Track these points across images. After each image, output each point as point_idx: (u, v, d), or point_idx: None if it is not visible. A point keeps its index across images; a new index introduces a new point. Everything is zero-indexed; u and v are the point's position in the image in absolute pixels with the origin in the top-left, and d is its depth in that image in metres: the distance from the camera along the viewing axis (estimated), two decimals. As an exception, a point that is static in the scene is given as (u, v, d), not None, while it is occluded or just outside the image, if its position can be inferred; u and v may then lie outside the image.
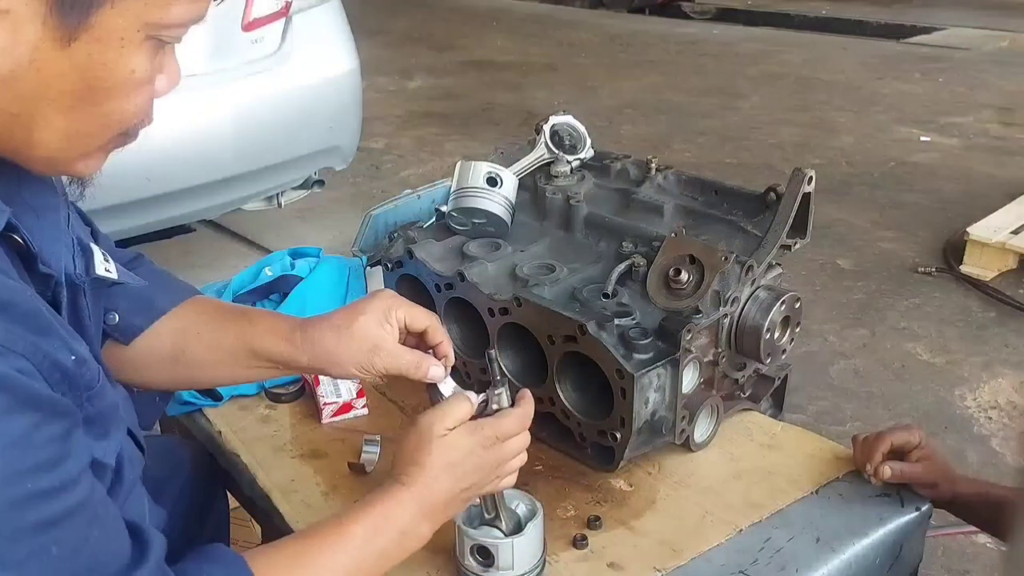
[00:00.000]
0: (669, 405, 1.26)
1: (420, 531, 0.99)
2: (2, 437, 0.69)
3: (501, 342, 1.38)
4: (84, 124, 0.79)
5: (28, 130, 0.77)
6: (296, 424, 1.49)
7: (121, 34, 0.75)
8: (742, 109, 6.15)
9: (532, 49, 8.21)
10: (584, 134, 1.59)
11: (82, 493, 0.76)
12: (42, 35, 0.72)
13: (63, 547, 0.73)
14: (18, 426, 0.71)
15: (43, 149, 0.79)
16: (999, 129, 5.59)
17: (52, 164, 0.82)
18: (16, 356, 0.72)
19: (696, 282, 1.28)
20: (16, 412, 0.71)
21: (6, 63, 0.72)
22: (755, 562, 1.15)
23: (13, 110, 0.75)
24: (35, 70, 0.73)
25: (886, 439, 1.26)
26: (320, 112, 3.40)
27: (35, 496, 0.71)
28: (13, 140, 0.78)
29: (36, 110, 0.75)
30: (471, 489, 1.02)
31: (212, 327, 1.16)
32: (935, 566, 2.16)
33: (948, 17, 8.67)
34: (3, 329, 0.71)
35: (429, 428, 1.00)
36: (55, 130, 0.77)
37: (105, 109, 0.78)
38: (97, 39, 0.74)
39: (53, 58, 0.73)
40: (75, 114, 0.77)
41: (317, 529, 0.96)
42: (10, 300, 0.72)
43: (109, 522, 0.80)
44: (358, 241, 1.72)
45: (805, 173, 1.32)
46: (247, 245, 4.06)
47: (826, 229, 4.04)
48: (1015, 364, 3.09)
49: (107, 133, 0.82)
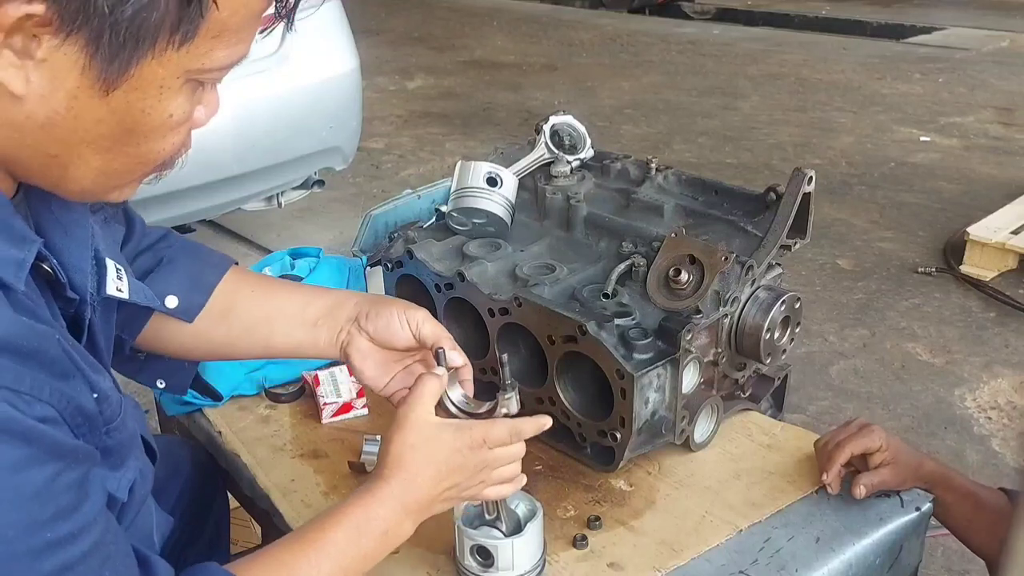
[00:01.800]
0: (669, 405, 1.26)
1: (402, 529, 0.99)
2: (25, 488, 0.70)
3: (501, 342, 1.38)
4: (120, 163, 0.79)
5: (63, 168, 0.77)
6: (296, 424, 1.49)
7: (160, 82, 0.75)
8: (742, 109, 6.15)
9: (532, 49, 8.21)
10: (584, 134, 1.59)
11: (96, 535, 0.77)
12: (80, 83, 0.72)
13: None
14: (41, 477, 0.71)
15: (78, 184, 0.80)
16: (999, 129, 5.59)
17: (85, 196, 0.83)
18: (42, 404, 0.72)
19: (696, 282, 1.28)
20: (40, 463, 0.71)
21: (44, 109, 0.72)
22: (755, 562, 1.16)
23: (52, 151, 0.76)
24: (73, 116, 0.73)
25: (845, 449, 1.23)
26: (320, 112, 3.39)
27: (53, 544, 0.72)
28: (49, 176, 0.79)
29: (73, 151, 0.76)
30: (453, 490, 1.01)
31: (264, 284, 1.19)
32: (935, 566, 2.16)
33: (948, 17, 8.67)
34: (30, 377, 0.71)
35: (407, 416, 1.00)
36: (91, 168, 0.78)
37: (143, 150, 0.79)
38: (136, 88, 0.74)
39: (91, 105, 0.73)
40: (111, 154, 0.78)
41: (300, 536, 0.95)
42: (38, 347, 0.73)
43: (120, 558, 0.80)
44: (358, 241, 1.72)
45: (805, 173, 1.32)
46: (247, 245, 4.06)
47: (826, 229, 4.04)
48: (1015, 364, 3.09)
49: (143, 169, 0.83)
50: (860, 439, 1.24)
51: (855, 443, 1.24)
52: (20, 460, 0.70)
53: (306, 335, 1.14)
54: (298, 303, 1.16)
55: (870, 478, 1.22)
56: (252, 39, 0.81)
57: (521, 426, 1.03)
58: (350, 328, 1.13)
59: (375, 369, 1.13)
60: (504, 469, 1.03)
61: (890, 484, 1.24)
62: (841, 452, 1.23)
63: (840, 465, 1.23)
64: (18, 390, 0.70)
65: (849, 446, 1.23)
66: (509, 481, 1.05)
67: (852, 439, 1.24)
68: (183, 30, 0.72)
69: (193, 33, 0.73)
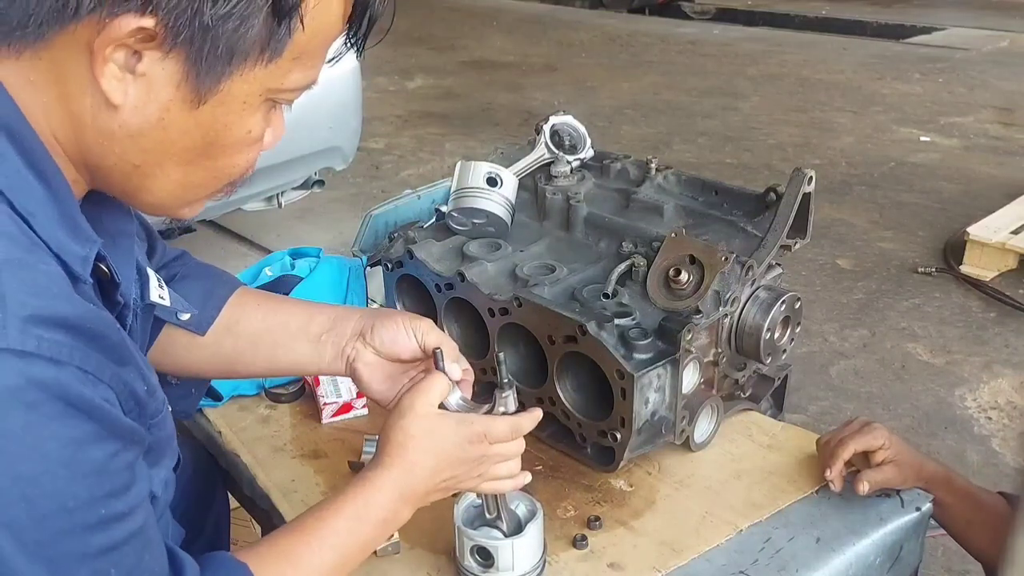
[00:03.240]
0: (669, 405, 1.26)
1: (400, 516, 1.00)
2: (87, 463, 0.73)
3: (501, 342, 1.38)
4: (198, 177, 0.84)
5: (144, 178, 0.81)
6: (296, 424, 1.49)
7: (244, 98, 0.79)
8: (742, 109, 6.15)
9: (532, 49, 8.21)
10: (584, 134, 1.59)
11: (142, 519, 0.79)
12: (173, 97, 0.76)
13: (120, 570, 0.76)
14: (101, 454, 0.74)
15: (154, 196, 0.84)
16: (999, 129, 5.60)
17: (159, 208, 0.86)
18: (104, 386, 0.75)
19: (696, 282, 1.28)
20: (101, 440, 0.74)
21: (136, 120, 0.77)
22: (755, 562, 1.15)
23: (136, 161, 0.80)
24: (162, 128, 0.78)
25: (848, 447, 1.23)
26: (320, 112, 3.39)
27: (105, 521, 0.74)
28: (128, 186, 0.83)
29: (156, 162, 0.80)
30: (450, 481, 1.02)
31: (269, 299, 1.21)
32: (935, 566, 2.16)
33: (948, 17, 8.68)
34: (95, 359, 0.74)
35: (411, 406, 1.00)
36: (170, 181, 0.82)
37: (220, 163, 0.84)
38: (222, 102, 0.78)
39: (180, 118, 0.78)
40: (191, 167, 0.82)
41: (300, 524, 0.96)
42: (102, 332, 0.75)
43: (156, 547, 0.82)
44: (358, 241, 1.72)
45: (805, 173, 1.32)
46: (247, 245, 4.06)
47: (826, 229, 4.05)
48: (1015, 364, 3.09)
49: (217, 184, 0.87)
50: (863, 437, 1.24)
51: (858, 440, 1.24)
52: (85, 436, 0.72)
53: (311, 351, 1.15)
54: (302, 318, 1.17)
55: (873, 475, 1.22)
56: (323, 65, 0.85)
57: (520, 422, 1.04)
58: (355, 343, 1.13)
59: (382, 383, 1.14)
60: (502, 465, 1.04)
61: (892, 482, 1.24)
62: (844, 449, 1.23)
63: (843, 462, 1.23)
64: (86, 370, 0.72)
65: (852, 443, 1.24)
66: (507, 478, 1.05)
67: (855, 436, 1.25)
68: (272, 48, 0.77)
69: (280, 52, 0.78)
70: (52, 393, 0.69)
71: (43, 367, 0.69)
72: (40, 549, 0.70)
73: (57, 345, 0.70)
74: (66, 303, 0.73)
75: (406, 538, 1.20)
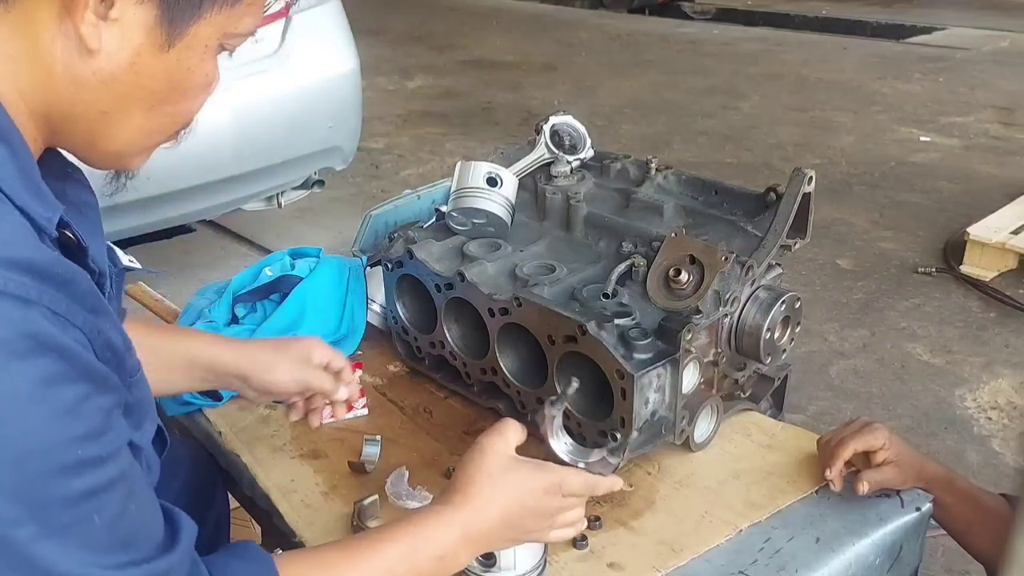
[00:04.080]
0: (669, 405, 1.26)
1: (460, 558, 0.98)
2: (57, 403, 0.72)
3: (501, 342, 1.38)
4: (158, 121, 0.86)
5: (108, 126, 0.83)
6: (296, 424, 1.48)
7: (206, 42, 0.82)
8: (742, 109, 6.15)
9: (532, 49, 8.21)
10: (584, 134, 1.59)
11: (123, 465, 0.78)
12: (145, 41, 0.78)
13: (104, 517, 0.75)
14: (72, 394, 0.73)
15: (114, 143, 0.85)
16: (999, 129, 5.60)
17: (114, 157, 0.88)
18: (74, 329, 0.74)
19: (696, 282, 1.28)
20: (72, 381, 0.73)
21: (109, 66, 0.78)
22: (755, 562, 1.15)
23: (105, 108, 0.81)
24: (134, 72, 0.80)
25: (849, 446, 1.23)
26: (320, 112, 3.40)
27: (83, 464, 0.73)
28: (91, 135, 0.84)
29: (123, 108, 0.82)
30: (518, 531, 1.01)
31: (150, 333, 1.23)
32: (935, 566, 2.16)
33: (948, 17, 8.67)
34: (65, 303, 0.73)
35: (490, 444, 1.01)
36: (133, 127, 0.84)
37: (180, 108, 0.86)
38: (188, 46, 0.81)
39: (150, 62, 0.80)
40: (152, 112, 0.84)
41: (355, 541, 0.96)
42: (72, 279, 0.76)
43: (145, 500, 0.82)
44: (358, 241, 1.72)
45: (805, 173, 1.32)
46: (247, 245, 4.06)
47: (826, 229, 4.04)
48: (1015, 364, 3.09)
49: (171, 130, 0.89)
50: (863, 437, 1.24)
51: (858, 440, 1.24)
52: (54, 375, 0.71)
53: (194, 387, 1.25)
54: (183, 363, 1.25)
55: (873, 475, 1.22)
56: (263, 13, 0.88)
57: (597, 482, 1.06)
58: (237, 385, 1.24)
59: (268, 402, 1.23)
60: (569, 514, 1.04)
61: (893, 483, 1.24)
62: (844, 449, 1.23)
63: (843, 462, 1.23)
64: (56, 311, 0.72)
65: (852, 443, 1.24)
66: (572, 525, 1.06)
67: (855, 436, 1.25)
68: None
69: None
70: (20, 331, 0.69)
71: (11, 305, 0.69)
72: (18, 489, 0.69)
73: (25, 286, 0.70)
74: (34, 251, 0.73)
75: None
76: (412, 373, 1.60)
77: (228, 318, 1.63)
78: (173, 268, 3.73)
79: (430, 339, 1.51)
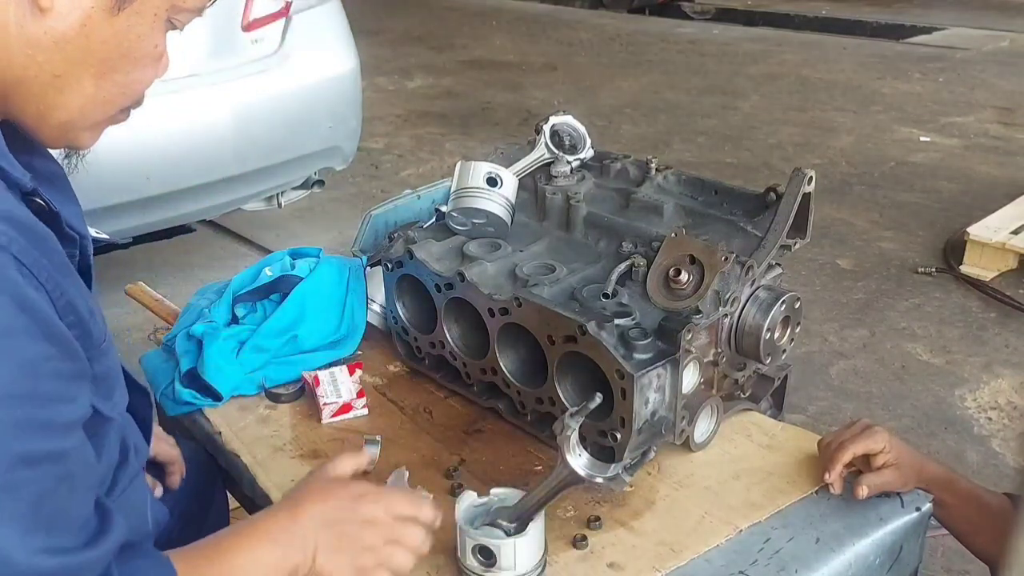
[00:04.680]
0: (669, 405, 1.26)
1: None
2: (15, 354, 0.70)
3: (501, 342, 1.38)
4: (108, 91, 0.85)
5: (60, 92, 0.83)
6: (296, 424, 1.49)
7: (155, 10, 0.83)
8: (742, 109, 6.15)
9: (531, 49, 8.21)
10: (584, 134, 1.59)
11: (68, 443, 0.76)
12: (95, 3, 0.80)
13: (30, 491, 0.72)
14: (34, 351, 0.72)
15: (65, 113, 0.84)
16: (999, 129, 5.59)
17: (64, 130, 0.87)
18: (39, 286, 0.74)
19: (696, 282, 1.28)
20: (32, 337, 0.72)
21: (61, 25, 0.79)
22: (755, 563, 1.15)
23: (57, 71, 0.81)
24: (84, 35, 0.80)
25: (849, 450, 1.23)
26: (320, 112, 3.40)
27: (27, 426, 0.72)
28: (43, 103, 0.83)
29: (74, 73, 0.82)
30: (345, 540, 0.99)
31: None
32: (935, 566, 2.16)
33: (948, 17, 8.67)
34: (33, 255, 0.74)
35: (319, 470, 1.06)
36: (83, 95, 0.84)
37: (129, 78, 0.86)
38: (138, 12, 0.82)
39: (101, 25, 0.81)
40: (103, 80, 0.84)
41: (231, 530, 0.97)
42: (44, 235, 0.76)
43: (80, 488, 0.79)
44: (358, 241, 1.72)
45: (805, 173, 1.32)
46: (247, 245, 4.06)
47: (826, 229, 4.04)
48: (1015, 364, 3.09)
49: (121, 103, 0.89)
50: (864, 440, 1.24)
51: (859, 444, 1.23)
52: (14, 327, 0.70)
53: None
54: None
55: (872, 479, 1.22)
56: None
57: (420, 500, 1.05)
58: None
59: None
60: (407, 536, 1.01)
61: (893, 486, 1.24)
62: (844, 452, 1.23)
63: (843, 465, 1.23)
64: (23, 262, 0.72)
65: (852, 446, 1.23)
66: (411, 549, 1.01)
67: (856, 439, 1.24)
68: None
69: None
70: None
71: None
72: None
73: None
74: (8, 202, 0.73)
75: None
76: (412, 373, 1.60)
77: (228, 318, 1.63)
78: (173, 268, 3.74)
79: (430, 339, 1.51)
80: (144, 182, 2.95)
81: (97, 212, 2.89)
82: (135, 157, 2.84)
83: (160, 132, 2.92)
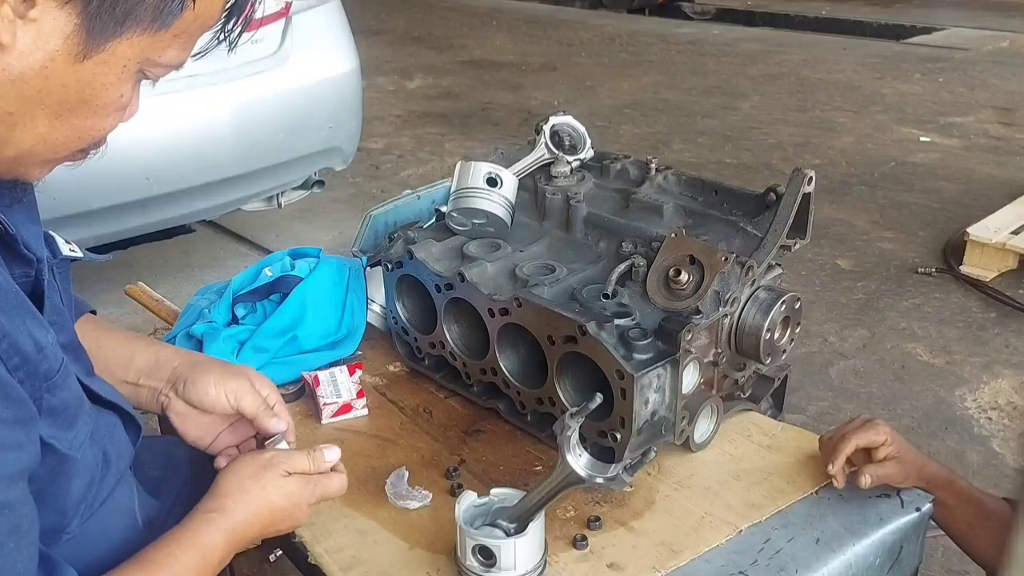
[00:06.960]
0: (669, 405, 1.26)
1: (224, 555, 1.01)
2: None
3: (501, 342, 1.38)
4: (62, 133, 0.82)
5: (11, 128, 0.80)
6: (296, 424, 1.48)
7: (124, 63, 0.80)
8: (742, 109, 6.15)
9: (531, 49, 8.21)
10: (584, 134, 1.59)
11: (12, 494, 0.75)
12: (60, 48, 0.76)
13: None
14: None
15: (14, 149, 0.82)
16: (999, 129, 5.60)
17: (13, 164, 0.84)
18: None
19: (696, 282, 1.28)
20: None
21: (19, 65, 0.76)
22: (755, 563, 1.15)
23: (10, 108, 0.78)
24: (44, 77, 0.77)
25: (851, 442, 1.24)
26: (320, 112, 3.40)
27: None
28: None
29: (29, 112, 0.79)
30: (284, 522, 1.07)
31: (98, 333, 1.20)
32: (935, 566, 2.16)
33: (948, 17, 8.68)
34: None
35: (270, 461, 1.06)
36: (35, 133, 0.81)
37: (87, 124, 0.83)
38: (105, 62, 0.79)
39: (63, 70, 0.77)
40: (59, 122, 0.81)
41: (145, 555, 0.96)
42: None
43: (26, 543, 0.78)
44: (358, 241, 1.72)
45: (805, 173, 1.32)
46: (247, 245, 4.06)
47: (826, 229, 4.05)
48: (1015, 364, 3.09)
49: (76, 145, 0.86)
50: (865, 432, 1.25)
51: (860, 436, 1.24)
52: None
53: (128, 391, 1.16)
54: (123, 357, 1.18)
55: (875, 469, 1.23)
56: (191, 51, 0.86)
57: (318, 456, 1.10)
58: (169, 391, 1.16)
59: (197, 430, 1.18)
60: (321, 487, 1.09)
61: (894, 478, 1.25)
62: (847, 444, 1.24)
63: (845, 456, 1.24)
64: None
65: (854, 438, 1.24)
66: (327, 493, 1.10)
67: (857, 432, 1.25)
68: (162, 20, 0.79)
69: (168, 25, 0.80)
70: None
71: None
72: None
73: None
74: None
75: (405, 538, 1.20)
76: (412, 373, 1.60)
77: (228, 318, 1.63)
78: (173, 268, 3.74)
79: (430, 339, 1.51)
80: (144, 183, 2.95)
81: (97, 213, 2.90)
82: (135, 158, 2.84)
83: (160, 133, 2.92)
